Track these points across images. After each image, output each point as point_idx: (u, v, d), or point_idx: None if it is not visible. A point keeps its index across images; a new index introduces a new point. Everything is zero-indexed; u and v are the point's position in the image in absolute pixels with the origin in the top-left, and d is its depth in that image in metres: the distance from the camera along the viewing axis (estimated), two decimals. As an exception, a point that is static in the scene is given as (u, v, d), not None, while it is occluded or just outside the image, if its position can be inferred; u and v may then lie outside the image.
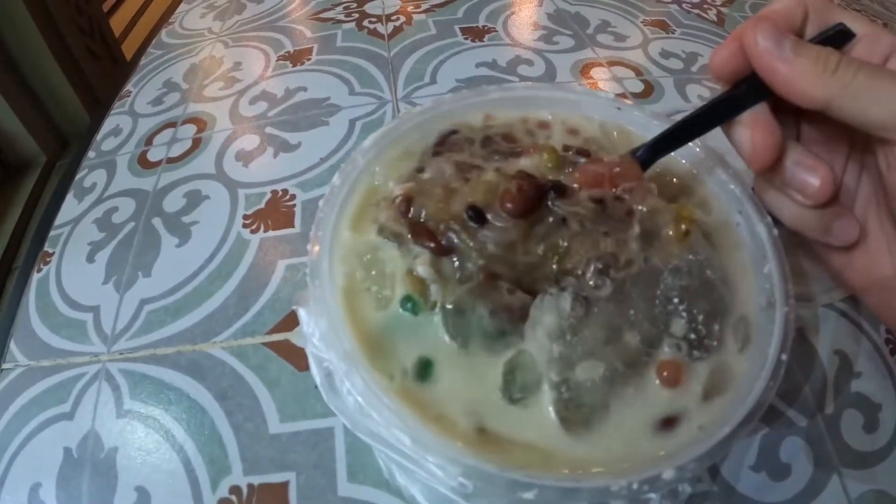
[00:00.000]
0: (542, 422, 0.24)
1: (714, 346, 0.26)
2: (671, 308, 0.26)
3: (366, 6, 0.78)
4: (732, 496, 0.35)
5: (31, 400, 0.40)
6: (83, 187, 0.56)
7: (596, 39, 0.70)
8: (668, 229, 0.28)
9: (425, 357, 0.25)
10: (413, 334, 0.26)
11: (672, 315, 0.26)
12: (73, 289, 0.47)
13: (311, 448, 0.36)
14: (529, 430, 0.24)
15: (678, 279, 0.27)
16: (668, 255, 0.27)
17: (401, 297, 0.26)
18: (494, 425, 0.24)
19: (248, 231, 0.48)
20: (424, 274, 0.26)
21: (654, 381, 0.25)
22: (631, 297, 0.26)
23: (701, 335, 0.26)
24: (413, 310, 0.26)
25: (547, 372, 0.25)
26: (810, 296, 0.43)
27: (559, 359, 0.25)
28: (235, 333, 0.42)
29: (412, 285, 0.26)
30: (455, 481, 0.22)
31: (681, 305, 0.26)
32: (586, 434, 0.24)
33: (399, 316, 0.26)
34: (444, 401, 0.24)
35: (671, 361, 0.26)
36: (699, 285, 0.27)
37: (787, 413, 0.38)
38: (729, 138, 0.27)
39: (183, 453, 0.37)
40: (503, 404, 0.25)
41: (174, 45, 0.76)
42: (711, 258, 0.28)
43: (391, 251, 0.28)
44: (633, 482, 0.21)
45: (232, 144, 0.57)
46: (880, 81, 0.22)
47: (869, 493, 0.35)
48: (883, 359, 0.41)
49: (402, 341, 0.25)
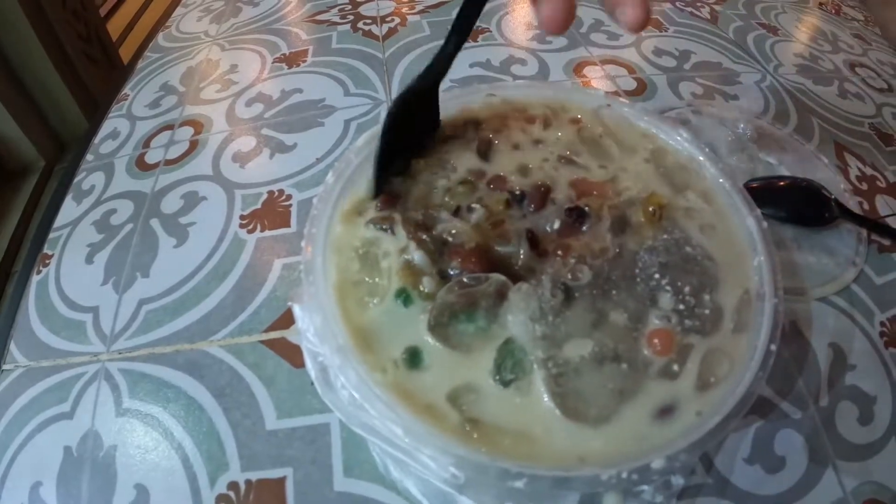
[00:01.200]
0: (536, 405, 0.25)
1: (707, 316, 0.27)
2: (654, 284, 0.27)
3: (360, 8, 0.78)
4: (726, 489, 0.35)
5: (32, 400, 0.41)
6: (82, 190, 0.57)
7: (589, 38, 0.70)
8: (639, 216, 0.29)
9: (414, 346, 0.26)
10: (404, 326, 0.26)
11: (657, 290, 0.27)
12: (72, 290, 0.47)
13: (308, 444, 0.36)
14: (524, 414, 0.24)
15: (655, 257, 0.28)
16: (642, 238, 0.29)
17: (395, 289, 0.27)
18: (486, 412, 0.24)
19: (245, 231, 0.49)
20: (420, 261, 0.26)
21: (645, 351, 0.26)
22: (611, 279, 0.27)
23: (690, 305, 0.27)
24: (405, 302, 0.26)
25: (533, 350, 0.25)
26: (803, 290, 0.43)
27: (542, 338, 0.25)
28: (233, 332, 0.42)
29: (406, 277, 0.27)
30: (447, 472, 0.22)
31: (663, 280, 0.27)
32: (584, 420, 0.24)
33: (391, 309, 0.26)
34: (434, 388, 0.24)
35: (660, 330, 0.26)
36: (679, 261, 0.28)
37: (781, 406, 0.38)
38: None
39: (181, 451, 0.37)
40: (496, 389, 0.25)
41: (171, 49, 0.77)
42: (689, 237, 0.29)
43: (384, 244, 0.28)
44: (622, 471, 0.22)
45: (229, 146, 0.57)
46: None
47: (864, 485, 0.35)
48: (877, 351, 0.41)
49: (394, 333, 0.26)
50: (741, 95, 0.62)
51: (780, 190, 0.49)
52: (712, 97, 0.61)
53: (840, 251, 0.46)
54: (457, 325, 0.26)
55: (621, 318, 0.26)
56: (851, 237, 0.47)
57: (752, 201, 0.30)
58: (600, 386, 0.25)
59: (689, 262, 0.28)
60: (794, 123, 0.58)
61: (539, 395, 0.25)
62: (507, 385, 0.25)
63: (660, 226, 0.29)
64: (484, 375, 0.25)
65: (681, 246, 0.29)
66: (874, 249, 0.47)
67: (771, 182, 0.49)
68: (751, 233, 0.29)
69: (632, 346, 0.26)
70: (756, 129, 0.54)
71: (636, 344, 0.26)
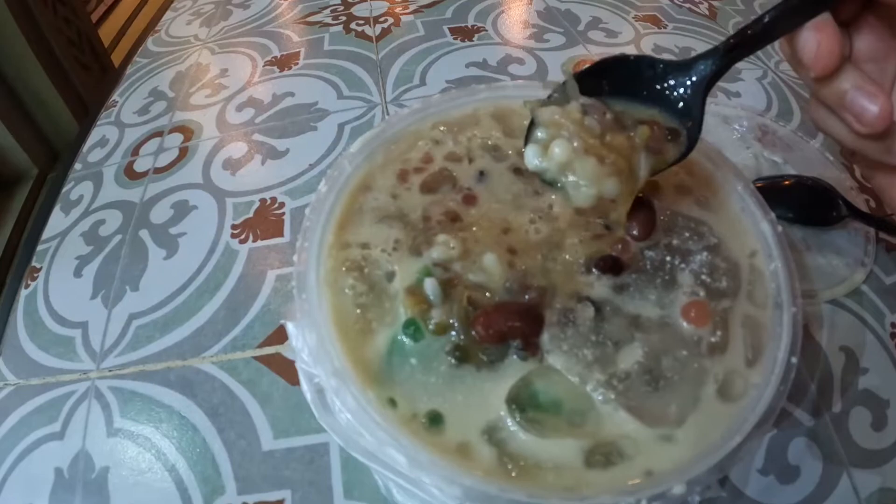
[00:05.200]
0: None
1: (728, 272, 0.27)
2: (668, 268, 0.28)
3: (353, 9, 0.77)
4: (741, 501, 0.34)
5: (21, 420, 0.39)
6: (70, 200, 0.55)
7: (587, 36, 0.69)
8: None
9: (436, 411, 0.24)
10: (418, 370, 0.25)
11: (674, 271, 0.28)
12: (60, 305, 0.46)
13: (306, 465, 0.35)
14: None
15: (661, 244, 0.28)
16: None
17: (400, 314, 0.25)
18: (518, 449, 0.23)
19: (237, 241, 0.47)
20: (431, 291, 0.25)
21: (684, 325, 0.26)
22: (627, 283, 0.27)
23: (709, 272, 0.28)
24: (414, 336, 0.25)
25: (589, 377, 0.24)
26: (813, 292, 0.42)
27: (594, 361, 0.25)
28: (225, 347, 0.41)
29: (412, 305, 0.25)
30: (454, 501, 0.21)
31: (675, 261, 0.28)
32: (667, 421, 0.24)
33: (399, 342, 0.25)
34: (456, 433, 0.23)
35: (692, 302, 0.27)
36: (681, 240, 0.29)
37: (794, 413, 0.37)
38: (791, 45, 0.27)
39: (175, 472, 0.36)
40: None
41: (160, 54, 0.75)
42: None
43: (385, 264, 0.27)
44: (641, 499, 0.20)
45: (219, 153, 0.56)
46: None
47: (880, 491, 0.35)
48: (889, 353, 0.40)
49: (406, 375, 0.25)
50: (743, 93, 0.61)
51: (787, 189, 0.48)
52: (714, 95, 0.60)
53: (849, 251, 0.45)
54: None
55: (654, 312, 0.26)
56: (860, 236, 0.46)
57: (765, 204, 0.29)
58: (669, 382, 0.25)
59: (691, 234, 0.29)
60: (797, 120, 0.57)
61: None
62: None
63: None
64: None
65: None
66: (882, 248, 0.46)
67: (776, 181, 0.48)
68: (766, 238, 0.28)
69: (675, 331, 0.26)
70: (759, 127, 0.53)
71: (678, 326, 0.26)
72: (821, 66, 0.25)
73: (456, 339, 0.25)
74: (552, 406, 0.24)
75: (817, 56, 0.25)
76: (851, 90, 0.26)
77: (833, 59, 0.25)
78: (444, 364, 0.25)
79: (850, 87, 0.26)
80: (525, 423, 0.23)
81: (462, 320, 0.25)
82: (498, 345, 0.25)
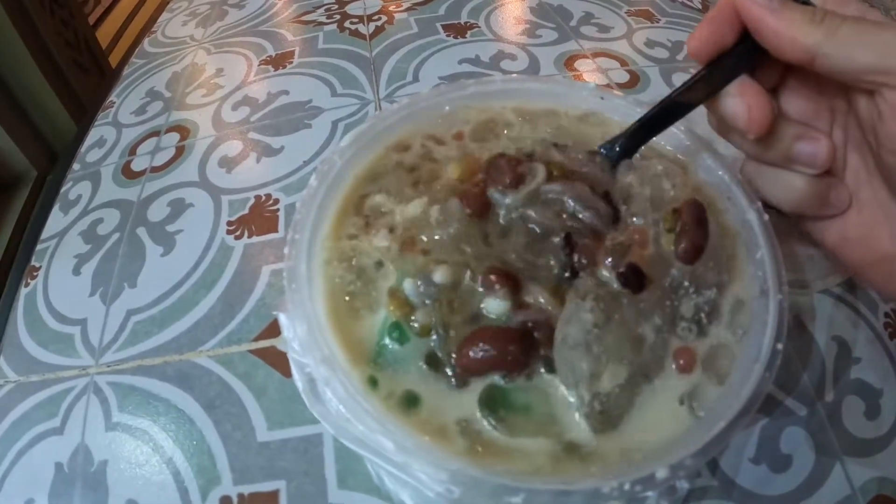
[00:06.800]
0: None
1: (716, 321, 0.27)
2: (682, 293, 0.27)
3: (347, 7, 0.77)
4: (733, 490, 0.34)
5: (22, 416, 0.40)
6: (68, 200, 0.56)
7: (580, 31, 0.69)
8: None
9: (413, 392, 0.24)
10: (400, 366, 0.25)
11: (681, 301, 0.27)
12: (60, 302, 0.46)
13: (301, 455, 0.36)
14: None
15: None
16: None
17: (385, 317, 0.26)
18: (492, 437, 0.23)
19: (233, 237, 0.48)
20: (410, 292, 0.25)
21: (672, 367, 0.25)
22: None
23: (708, 312, 0.26)
24: (399, 340, 0.25)
25: (577, 390, 0.24)
26: (805, 283, 0.42)
27: (589, 376, 0.24)
28: (221, 341, 0.41)
29: (395, 308, 0.25)
30: (441, 486, 0.21)
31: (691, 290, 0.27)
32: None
33: (384, 345, 0.25)
34: (435, 416, 0.23)
35: (684, 348, 0.26)
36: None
37: (785, 402, 0.37)
38: (718, 113, 0.27)
39: (172, 465, 0.36)
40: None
41: (157, 54, 0.76)
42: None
43: (374, 253, 0.27)
44: (625, 483, 0.21)
45: (215, 151, 0.56)
46: (864, 27, 0.22)
47: (873, 480, 0.35)
48: (882, 343, 0.40)
49: (389, 368, 0.25)
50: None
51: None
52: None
53: (842, 241, 0.45)
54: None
55: (651, 335, 0.25)
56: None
57: (752, 193, 0.29)
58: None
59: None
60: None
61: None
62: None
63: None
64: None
65: None
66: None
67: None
68: (752, 227, 0.28)
69: (661, 364, 0.25)
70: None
71: (664, 361, 0.26)
72: (756, 126, 0.25)
73: (436, 345, 0.25)
74: (523, 408, 0.24)
75: (751, 118, 0.25)
76: (792, 140, 0.26)
77: (767, 117, 0.25)
78: (420, 362, 0.25)
79: (790, 138, 0.26)
80: (496, 423, 0.23)
81: (443, 326, 0.25)
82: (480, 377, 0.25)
